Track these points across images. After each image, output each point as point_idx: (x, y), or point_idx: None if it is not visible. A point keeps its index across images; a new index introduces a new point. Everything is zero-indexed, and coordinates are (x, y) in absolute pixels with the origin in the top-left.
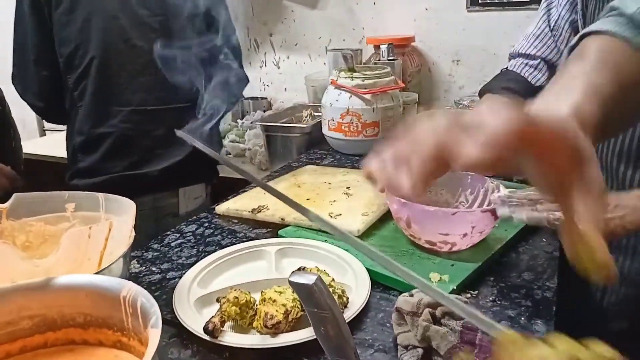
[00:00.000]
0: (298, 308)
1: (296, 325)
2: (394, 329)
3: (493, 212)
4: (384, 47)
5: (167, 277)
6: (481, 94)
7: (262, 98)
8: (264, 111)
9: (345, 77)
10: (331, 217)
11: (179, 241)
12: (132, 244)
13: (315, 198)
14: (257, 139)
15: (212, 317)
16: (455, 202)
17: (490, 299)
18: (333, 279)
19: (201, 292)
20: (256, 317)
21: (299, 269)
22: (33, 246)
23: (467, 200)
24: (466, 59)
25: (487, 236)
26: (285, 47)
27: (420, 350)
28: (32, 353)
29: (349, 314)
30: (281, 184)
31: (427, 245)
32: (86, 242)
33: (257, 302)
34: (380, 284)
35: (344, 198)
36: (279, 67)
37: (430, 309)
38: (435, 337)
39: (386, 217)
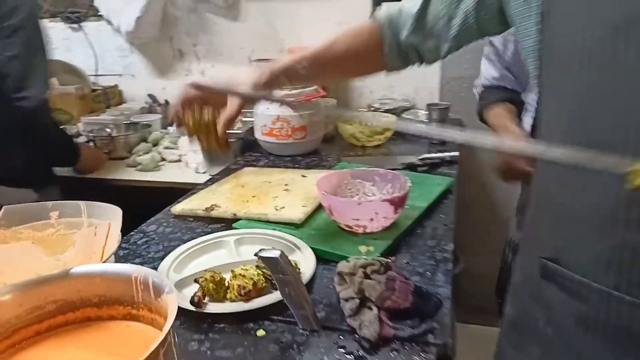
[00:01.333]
0: (263, 280)
1: (262, 293)
2: (336, 288)
3: (393, 201)
4: None
5: None
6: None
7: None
8: None
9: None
10: (276, 209)
11: (144, 239)
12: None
13: (259, 195)
14: (191, 145)
15: (195, 292)
16: (380, 194)
17: (405, 261)
18: (287, 257)
19: (178, 276)
20: (229, 290)
21: (260, 250)
22: None
23: (388, 192)
24: None
25: (400, 215)
26: (209, 57)
27: (357, 300)
28: (56, 331)
29: (303, 279)
30: (225, 185)
31: (347, 228)
32: (93, 239)
33: (228, 279)
34: (323, 259)
35: (285, 194)
36: (204, 76)
37: (362, 269)
38: (367, 288)
39: (321, 207)
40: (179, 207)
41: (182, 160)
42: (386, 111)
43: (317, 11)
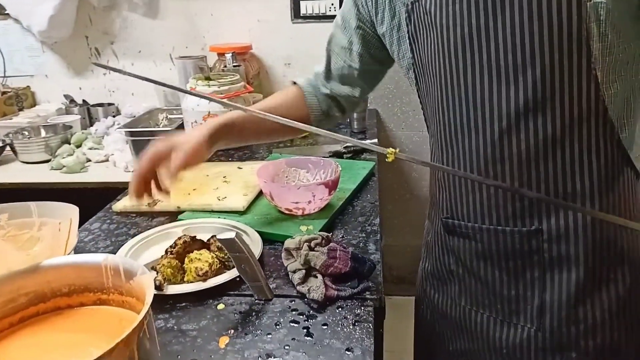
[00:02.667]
0: (217, 262)
1: (217, 273)
2: (284, 263)
3: (327, 184)
4: (228, 56)
5: None
6: None
7: (110, 104)
8: (114, 116)
9: (203, 85)
10: (219, 200)
11: (90, 236)
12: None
13: (200, 188)
14: (116, 144)
15: (155, 277)
16: (313, 180)
17: (340, 236)
18: (242, 237)
19: None
20: (186, 274)
21: (218, 234)
22: None
23: (320, 178)
24: (295, 62)
25: (333, 197)
26: (129, 55)
27: (303, 271)
28: (29, 321)
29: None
30: None
31: (287, 212)
32: (58, 234)
33: (184, 264)
34: (268, 241)
35: (225, 185)
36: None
37: (307, 243)
38: (312, 259)
39: (260, 194)
40: (120, 204)
41: (110, 160)
42: None
43: (237, 8)
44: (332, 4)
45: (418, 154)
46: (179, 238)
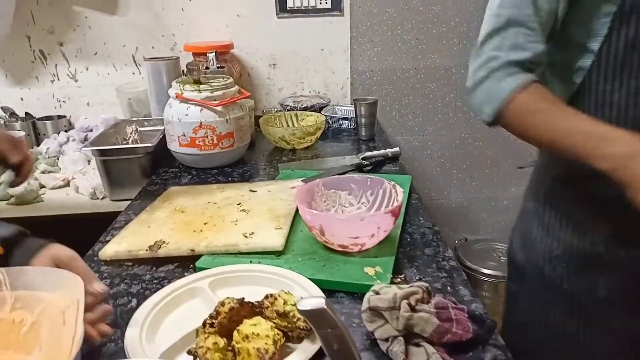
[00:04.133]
0: (280, 335)
1: (282, 352)
2: (367, 326)
3: (394, 212)
4: (211, 55)
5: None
6: None
7: (61, 117)
8: (66, 131)
9: (192, 90)
10: (245, 237)
11: None
12: None
13: (213, 221)
14: (76, 165)
15: None
16: (358, 203)
17: (416, 278)
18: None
19: (156, 348)
20: (240, 357)
21: (299, 301)
22: None
23: (368, 200)
24: (281, 62)
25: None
26: (82, 58)
27: (401, 339)
28: None
29: None
30: (159, 213)
31: (339, 249)
32: (61, 330)
33: (233, 341)
34: (323, 291)
35: (244, 215)
36: (76, 80)
37: (405, 300)
38: (419, 323)
39: (293, 226)
40: (110, 250)
41: (70, 185)
42: (304, 109)
43: (212, 1)
44: None
45: (418, 160)
46: (222, 304)
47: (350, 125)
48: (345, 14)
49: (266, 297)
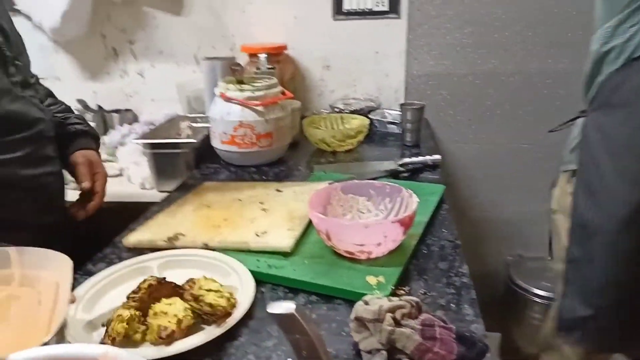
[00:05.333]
0: (190, 316)
1: (189, 332)
2: (354, 337)
3: (404, 221)
4: (262, 57)
5: None
6: None
7: (127, 110)
8: (130, 124)
9: (235, 90)
10: (257, 235)
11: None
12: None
13: (233, 217)
14: (132, 156)
15: (102, 339)
16: (376, 210)
17: (421, 292)
18: (221, 285)
19: (87, 317)
20: (148, 331)
21: (270, 305)
22: None
23: (386, 208)
24: (335, 64)
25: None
26: (149, 56)
27: (384, 353)
28: None
29: (239, 312)
30: (187, 206)
31: (347, 255)
32: (36, 309)
33: (148, 318)
34: (324, 296)
35: (263, 214)
36: (143, 77)
37: (390, 314)
38: (400, 338)
39: (308, 229)
40: (133, 238)
41: (123, 175)
42: (352, 112)
43: (271, 4)
44: None
45: (471, 169)
46: (144, 280)
47: (398, 130)
48: (403, 17)
49: (187, 280)
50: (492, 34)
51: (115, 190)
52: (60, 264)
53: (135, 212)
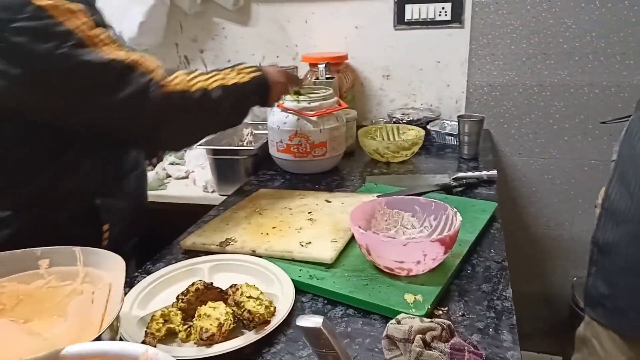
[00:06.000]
0: (231, 320)
1: (229, 335)
2: (385, 354)
3: (444, 241)
4: (321, 67)
5: None
6: None
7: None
8: None
9: (292, 100)
10: (302, 245)
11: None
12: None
13: (281, 226)
14: (198, 160)
15: (144, 338)
16: (420, 227)
17: (460, 313)
18: (261, 292)
19: (142, 313)
20: (193, 331)
21: (299, 318)
22: (7, 308)
23: (430, 225)
24: (395, 74)
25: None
26: (218, 64)
27: None
28: None
29: (277, 320)
30: (241, 212)
31: (387, 270)
32: (89, 307)
33: (195, 320)
34: (361, 310)
35: (309, 224)
36: None
37: (420, 335)
38: None
39: (352, 242)
40: (189, 240)
41: (189, 177)
42: (409, 123)
43: (332, 14)
44: (443, 8)
45: (536, 184)
46: (193, 284)
47: (455, 142)
48: (466, 26)
49: (231, 286)
50: (561, 45)
51: (181, 192)
52: (115, 264)
53: (197, 214)
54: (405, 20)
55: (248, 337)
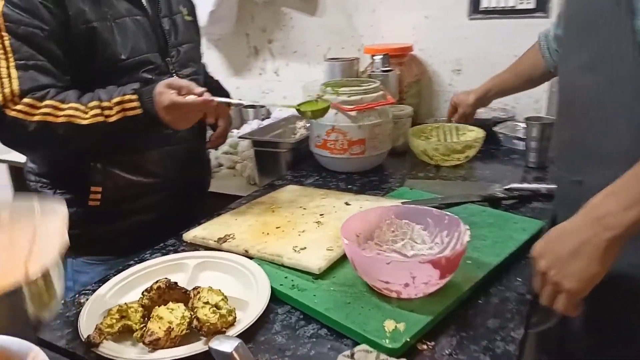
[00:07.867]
0: (184, 326)
1: (183, 341)
2: None
3: (437, 263)
4: (377, 58)
5: None
6: None
7: (261, 106)
8: (262, 119)
9: (331, 93)
10: (295, 251)
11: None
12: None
13: (285, 226)
14: (249, 151)
15: (94, 330)
16: (431, 242)
17: (447, 351)
18: (224, 298)
19: (114, 302)
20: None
21: (214, 339)
22: None
23: (442, 241)
24: (467, 68)
25: (454, 276)
26: (284, 54)
27: None
28: None
29: (233, 332)
30: (257, 208)
31: (377, 289)
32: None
33: (151, 318)
34: (336, 333)
35: (314, 228)
36: (278, 75)
37: None
38: None
39: None
40: (191, 234)
41: (237, 168)
42: (476, 122)
43: (401, 3)
44: None
45: None
46: (157, 281)
47: (524, 147)
48: (551, 16)
49: (194, 288)
50: None
51: (226, 182)
52: (57, 210)
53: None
54: (481, 9)
55: (193, 348)
